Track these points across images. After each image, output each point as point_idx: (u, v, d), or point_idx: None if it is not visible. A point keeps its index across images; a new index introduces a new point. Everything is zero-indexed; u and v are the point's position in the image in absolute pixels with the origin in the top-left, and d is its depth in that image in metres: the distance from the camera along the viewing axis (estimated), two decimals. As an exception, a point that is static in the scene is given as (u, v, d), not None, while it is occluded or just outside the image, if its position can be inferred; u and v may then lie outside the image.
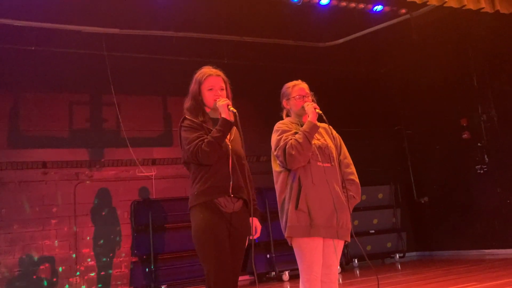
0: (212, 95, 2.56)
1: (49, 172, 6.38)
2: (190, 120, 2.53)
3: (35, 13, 6.09)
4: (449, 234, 7.80)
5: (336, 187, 2.58)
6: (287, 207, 2.50)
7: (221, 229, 2.40)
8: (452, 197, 7.74)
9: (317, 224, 2.46)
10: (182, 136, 2.52)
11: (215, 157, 2.42)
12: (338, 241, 2.58)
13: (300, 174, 2.51)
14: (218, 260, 2.33)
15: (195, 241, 2.41)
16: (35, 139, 6.38)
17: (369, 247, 7.61)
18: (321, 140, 2.67)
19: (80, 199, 6.48)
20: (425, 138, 8.27)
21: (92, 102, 6.88)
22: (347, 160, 2.79)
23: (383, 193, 7.96)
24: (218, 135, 2.41)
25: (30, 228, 6.14)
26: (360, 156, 8.21)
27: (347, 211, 2.59)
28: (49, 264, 6.16)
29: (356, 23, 7.06)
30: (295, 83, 2.78)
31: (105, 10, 6.32)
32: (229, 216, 2.46)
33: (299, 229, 2.45)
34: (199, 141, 2.41)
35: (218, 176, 2.44)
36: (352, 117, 8.45)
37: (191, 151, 2.41)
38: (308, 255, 2.45)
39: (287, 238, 2.51)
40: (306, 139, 2.47)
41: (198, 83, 2.61)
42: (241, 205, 2.51)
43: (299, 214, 2.45)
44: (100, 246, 6.48)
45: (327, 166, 2.59)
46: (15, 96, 6.42)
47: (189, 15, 6.60)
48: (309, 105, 2.61)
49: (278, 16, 6.63)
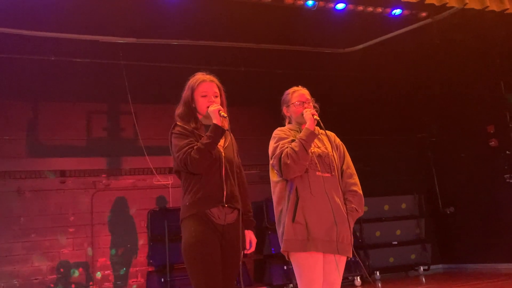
0: (206, 101, 2.48)
1: (66, 181, 6.42)
2: (181, 127, 2.45)
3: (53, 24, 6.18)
4: (476, 246, 7.44)
5: (337, 199, 2.42)
6: (284, 219, 2.36)
7: (213, 243, 2.29)
8: (479, 207, 7.39)
9: (315, 238, 2.31)
10: (172, 143, 2.43)
11: (205, 165, 2.31)
12: (340, 256, 2.41)
13: (298, 185, 2.37)
14: (207, 276, 2.21)
15: (184, 255, 2.31)
16: (53, 148, 6.44)
17: (392, 259, 7.35)
18: (322, 148, 2.52)
19: (97, 208, 6.49)
20: (450, 146, 7.96)
21: (110, 111, 6.91)
22: (350, 170, 2.62)
23: (406, 203, 7.70)
24: (208, 141, 2.30)
25: (47, 236, 6.18)
26: (382, 165, 8.15)
27: (347, 224, 2.42)
28: (66, 273, 6.17)
29: (376, 28, 6.88)
30: (295, 89, 2.65)
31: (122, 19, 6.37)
32: (222, 228, 2.34)
33: (296, 243, 2.30)
34: (188, 148, 2.31)
35: (210, 185, 2.33)
36: (373, 125, 8.24)
37: (180, 159, 2.31)
38: (306, 271, 2.30)
39: (283, 252, 2.37)
40: (303, 148, 2.33)
41: (191, 89, 2.53)
42: (235, 217, 2.38)
43: (296, 227, 2.31)
44: (117, 255, 6.46)
45: (327, 176, 2.44)
46: (33, 106, 6.51)
47: (205, 23, 6.57)
48: (308, 111, 2.47)
49: (294, 23, 6.51)
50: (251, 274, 6.87)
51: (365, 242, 7.27)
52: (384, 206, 7.54)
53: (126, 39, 6.59)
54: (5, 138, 6.24)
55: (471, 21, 6.48)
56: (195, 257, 2.25)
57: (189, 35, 6.83)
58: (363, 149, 8.12)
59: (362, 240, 7.27)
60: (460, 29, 6.81)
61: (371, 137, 8.27)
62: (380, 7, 5.76)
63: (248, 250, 2.49)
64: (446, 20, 6.50)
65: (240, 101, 7.41)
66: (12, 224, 6.05)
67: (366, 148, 8.15)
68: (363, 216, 7.22)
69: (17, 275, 5.95)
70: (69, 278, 6.17)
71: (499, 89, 7.12)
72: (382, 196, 7.59)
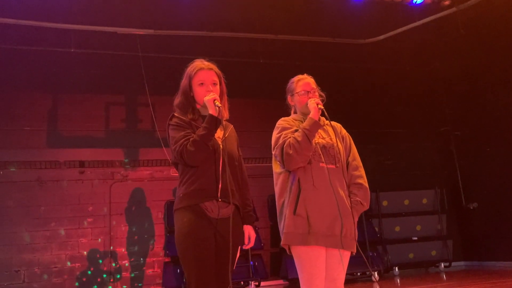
0: (203, 90, 2.37)
1: (85, 172, 6.51)
2: (178, 118, 2.37)
3: (73, 16, 6.25)
4: (500, 243, 7.20)
5: (341, 191, 2.33)
6: (285, 211, 2.28)
7: (206, 234, 2.22)
8: (504, 203, 7.14)
9: (316, 232, 2.22)
10: (170, 135, 2.35)
11: (201, 158, 2.24)
12: (344, 251, 2.31)
13: (300, 176, 2.29)
14: (199, 267, 2.16)
15: (177, 246, 2.25)
16: (73, 139, 6.53)
17: (412, 255, 7.20)
18: (326, 139, 2.42)
19: (115, 199, 6.55)
20: (474, 140, 7.71)
21: (128, 102, 6.95)
22: (355, 162, 2.50)
23: (427, 198, 7.51)
24: (204, 133, 2.22)
25: (66, 226, 6.28)
26: (403, 159, 7.97)
27: (351, 218, 2.31)
28: (84, 262, 6.27)
29: (398, 18, 6.70)
30: (300, 77, 2.55)
31: (140, 11, 6.39)
32: (216, 222, 2.25)
33: (296, 236, 2.22)
34: (184, 140, 2.24)
35: (206, 178, 2.25)
36: (395, 118, 8.06)
37: (176, 151, 2.25)
38: (308, 266, 2.22)
39: (283, 246, 2.30)
40: (306, 138, 2.24)
41: (188, 78, 2.44)
42: (231, 211, 2.27)
43: (297, 220, 2.23)
44: (134, 246, 6.52)
45: (331, 167, 2.34)
46: (53, 97, 6.60)
47: (222, 14, 6.53)
48: (312, 100, 2.37)
49: (314, 13, 6.41)
50: (267, 267, 6.84)
51: (384, 237, 7.14)
52: (404, 201, 7.38)
53: (144, 30, 6.62)
54: (26, 128, 6.36)
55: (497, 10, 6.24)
56: (187, 247, 2.20)
57: (206, 27, 6.81)
58: (384, 142, 7.97)
59: (381, 235, 7.14)
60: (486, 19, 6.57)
61: (392, 131, 8.10)
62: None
63: (247, 246, 2.40)
64: (472, 9, 6.28)
65: (259, 94, 7.36)
66: (33, 213, 6.17)
67: (387, 141, 8.00)
68: (383, 210, 7.24)
69: (38, 263, 6.07)
70: (87, 267, 6.26)
71: (528, 80, 6.85)
72: (403, 191, 7.42)
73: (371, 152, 7.50)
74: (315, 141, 2.34)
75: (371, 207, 7.12)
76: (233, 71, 6.82)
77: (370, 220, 7.19)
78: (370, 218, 7.19)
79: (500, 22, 6.70)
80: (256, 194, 6.68)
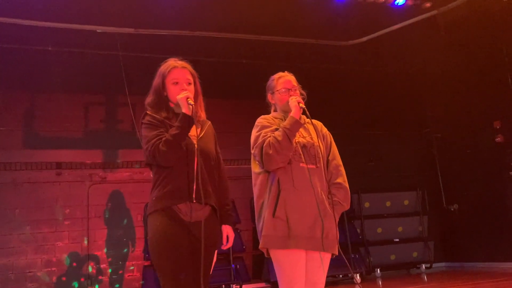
0: (178, 89, 2.29)
1: (62, 173, 6.34)
2: (151, 116, 2.28)
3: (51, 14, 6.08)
4: (480, 245, 7.27)
5: (322, 192, 2.26)
6: (264, 213, 2.21)
7: (180, 239, 2.12)
8: (484, 205, 7.21)
9: (297, 235, 2.15)
10: (142, 134, 2.27)
11: (174, 158, 2.15)
12: (325, 254, 2.24)
13: (280, 176, 2.21)
14: (175, 275, 2.08)
15: (151, 252, 2.17)
16: (50, 140, 6.36)
17: (393, 256, 7.21)
18: (307, 138, 2.36)
19: (93, 201, 6.40)
20: (455, 142, 7.78)
21: (107, 102, 6.82)
22: (336, 161, 2.43)
23: (409, 199, 7.54)
24: (177, 132, 2.14)
25: (42, 229, 6.11)
26: (385, 161, 7.99)
27: (332, 219, 2.24)
28: (60, 266, 6.10)
29: (380, 20, 6.70)
30: (280, 74, 2.49)
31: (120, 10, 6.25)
32: (191, 225, 2.16)
33: (275, 239, 2.15)
34: (156, 140, 2.15)
35: (180, 179, 2.16)
36: (377, 120, 8.08)
37: (148, 151, 2.16)
38: (287, 270, 2.14)
39: (261, 249, 2.22)
40: (286, 137, 2.17)
41: (161, 77, 2.35)
42: (207, 213, 2.20)
43: (276, 222, 2.15)
44: (113, 249, 6.37)
45: (312, 167, 2.27)
46: (30, 97, 6.43)
47: (204, 14, 6.43)
48: (293, 99, 2.30)
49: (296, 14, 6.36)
50: (249, 270, 6.77)
51: (366, 239, 7.13)
52: (386, 202, 7.39)
53: (124, 29, 6.48)
54: (0, 129, 6.17)
55: (477, 12, 6.30)
56: (162, 254, 2.11)
57: (188, 26, 6.70)
58: (367, 144, 7.98)
59: (363, 237, 7.14)
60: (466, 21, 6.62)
61: (374, 132, 8.12)
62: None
63: (225, 246, 2.33)
64: (452, 11, 6.32)
65: (241, 94, 7.30)
66: (7, 216, 5.99)
67: (369, 143, 8.01)
68: (365, 212, 7.23)
69: (12, 267, 5.89)
70: (64, 271, 6.10)
71: (506, 83, 6.92)
72: (384, 192, 7.44)
73: (353, 154, 7.49)
74: (295, 140, 2.28)
75: (353, 209, 7.12)
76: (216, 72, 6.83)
77: (352, 221, 7.18)
78: (352, 220, 7.18)
79: (480, 25, 6.77)
80: (238, 196, 6.61)
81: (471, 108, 7.38)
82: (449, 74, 7.73)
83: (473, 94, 7.35)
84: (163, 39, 6.67)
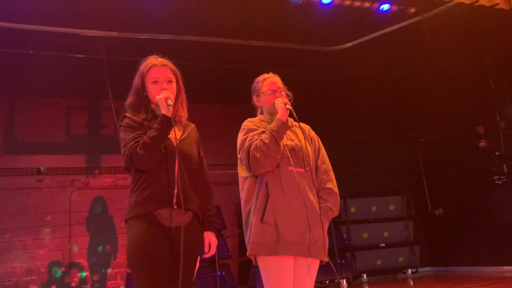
0: (157, 88, 2.20)
1: (44, 179, 6.19)
2: (129, 118, 2.20)
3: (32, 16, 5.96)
4: (465, 249, 7.31)
5: (311, 196, 2.21)
6: (252, 219, 2.14)
7: (160, 246, 2.03)
8: (468, 209, 7.26)
9: (286, 241, 2.08)
10: (120, 137, 2.19)
11: (152, 161, 2.07)
12: (312, 260, 2.18)
13: (268, 181, 2.15)
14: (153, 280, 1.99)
15: (128, 259, 2.08)
16: (31, 145, 6.21)
17: (379, 261, 7.20)
18: (295, 141, 2.30)
19: (76, 207, 6.26)
20: (439, 147, 7.83)
21: (90, 107, 6.70)
22: (325, 165, 2.38)
23: (394, 204, 7.55)
24: (155, 134, 2.05)
25: (23, 236, 5.95)
26: (371, 166, 7.99)
27: (321, 225, 2.19)
28: (41, 275, 5.94)
29: (365, 25, 6.72)
30: (265, 76, 2.44)
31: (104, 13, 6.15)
32: (172, 230, 2.07)
33: (264, 246, 2.07)
34: (134, 142, 2.08)
35: (159, 184, 2.08)
36: (362, 125, 8.10)
37: (126, 155, 2.09)
38: (275, 277, 2.07)
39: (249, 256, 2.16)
40: (273, 140, 2.11)
41: (141, 76, 2.26)
42: (189, 219, 2.12)
43: (265, 228, 2.08)
44: (95, 257, 6.24)
45: (300, 171, 2.21)
46: (11, 101, 6.29)
47: (189, 18, 6.37)
48: (279, 100, 2.25)
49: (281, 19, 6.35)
50: (235, 277, 6.69)
51: (353, 244, 7.11)
52: (372, 207, 7.39)
53: (108, 32, 6.38)
54: (-21, 134, 6.02)
55: (461, 18, 6.36)
56: (139, 259, 2.02)
57: (173, 30, 6.63)
58: (352, 149, 7.99)
59: (349, 242, 7.11)
60: (450, 27, 6.69)
61: (360, 137, 8.14)
62: (368, 1, 5.60)
63: (207, 254, 2.25)
64: (436, 17, 6.37)
65: (227, 99, 7.25)
66: (-14, 223, 5.82)
67: (355, 148, 8.02)
68: (351, 217, 7.21)
69: (-10, 276, 5.72)
70: (45, 280, 5.94)
71: (489, 89, 7.00)
72: (370, 197, 7.44)
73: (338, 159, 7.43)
74: (283, 143, 2.22)
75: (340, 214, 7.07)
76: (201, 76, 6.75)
77: (338, 227, 7.15)
78: (338, 225, 7.16)
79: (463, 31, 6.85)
80: (224, 201, 6.54)
81: (455, 113, 7.45)
82: (434, 80, 7.80)
83: (457, 100, 7.42)
84: (147, 43, 6.58)
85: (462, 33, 6.77)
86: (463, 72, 7.27)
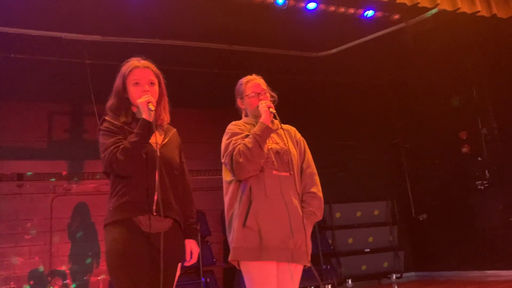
0: (139, 91, 2.15)
1: (24, 185, 6.06)
2: (109, 122, 2.15)
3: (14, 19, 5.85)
4: (449, 254, 7.36)
5: (294, 201, 2.18)
6: (234, 223, 2.12)
7: (139, 250, 2.00)
8: (452, 214, 7.33)
9: (269, 246, 2.06)
10: (99, 141, 2.13)
11: (132, 167, 2.02)
12: (296, 265, 2.15)
13: (252, 185, 2.12)
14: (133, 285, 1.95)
15: (108, 266, 2.03)
16: (10, 150, 6.08)
17: (364, 266, 7.20)
18: (280, 144, 2.27)
19: (57, 214, 6.14)
20: (423, 152, 7.90)
21: (72, 112, 6.59)
22: (310, 169, 2.35)
23: (379, 209, 7.58)
24: (136, 139, 2.01)
25: (1, 244, 5.80)
26: (355, 171, 8.02)
27: (304, 230, 2.16)
28: (21, 283, 5.79)
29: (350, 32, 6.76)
30: (248, 78, 2.42)
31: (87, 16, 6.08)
32: (151, 236, 2.03)
33: (246, 251, 2.05)
34: (114, 147, 2.02)
35: (139, 190, 2.03)
36: (347, 130, 8.14)
37: (105, 160, 2.03)
38: (259, 283, 2.04)
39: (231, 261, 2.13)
40: (257, 144, 2.08)
41: (122, 78, 2.21)
42: (169, 226, 2.08)
43: (247, 233, 2.05)
44: (77, 264, 6.11)
45: (284, 175, 2.19)
46: (-10, 105, 6.15)
47: (175, 22, 6.33)
48: (263, 103, 2.22)
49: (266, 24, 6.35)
50: (219, 283, 6.62)
51: (338, 249, 7.11)
52: (356, 213, 7.41)
53: (91, 36, 6.30)
54: (-42, 138, 5.87)
55: (444, 26, 6.44)
56: (118, 264, 1.98)
57: (158, 34, 6.58)
58: (337, 154, 8.01)
59: (335, 247, 7.11)
60: (434, 34, 6.77)
61: (344, 143, 8.17)
62: (352, 7, 5.64)
63: (189, 262, 2.20)
64: (420, 24, 6.44)
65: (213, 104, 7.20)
66: (-37, 230, 5.67)
67: (339, 153, 8.04)
68: (336, 222, 7.21)
69: (-32, 285, 5.56)
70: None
71: (471, 95, 7.10)
72: (355, 202, 7.46)
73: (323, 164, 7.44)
74: (268, 147, 2.19)
75: (325, 219, 7.10)
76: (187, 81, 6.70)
77: (323, 232, 7.15)
78: (323, 230, 7.15)
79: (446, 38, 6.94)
80: (209, 207, 6.47)
81: (439, 119, 7.53)
82: (418, 86, 7.88)
83: (440, 106, 7.50)
84: (132, 47, 6.52)
85: (446, 40, 6.87)
86: (446, 79, 7.36)
